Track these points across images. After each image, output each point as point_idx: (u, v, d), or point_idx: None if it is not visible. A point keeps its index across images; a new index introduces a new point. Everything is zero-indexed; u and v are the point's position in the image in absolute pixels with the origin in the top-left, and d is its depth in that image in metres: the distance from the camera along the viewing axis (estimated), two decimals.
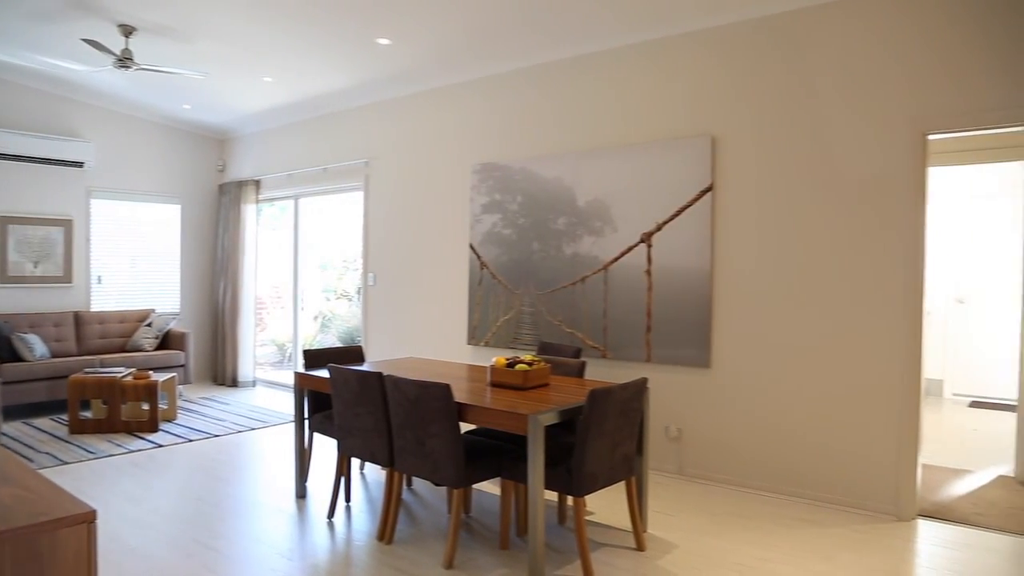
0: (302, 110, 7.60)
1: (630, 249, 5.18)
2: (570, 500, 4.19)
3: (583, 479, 3.34)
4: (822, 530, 4.07)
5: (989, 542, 3.94)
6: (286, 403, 7.50)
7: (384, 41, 5.47)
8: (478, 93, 6.19)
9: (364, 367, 4.56)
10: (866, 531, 4.07)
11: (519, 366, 3.90)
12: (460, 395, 3.66)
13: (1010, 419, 5.32)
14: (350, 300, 10.06)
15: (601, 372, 5.34)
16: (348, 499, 4.50)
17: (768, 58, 4.68)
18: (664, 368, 5.09)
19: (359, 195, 7.33)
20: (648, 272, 5.09)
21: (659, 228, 5.05)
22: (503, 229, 5.92)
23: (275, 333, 10.18)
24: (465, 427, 5.16)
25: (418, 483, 4.82)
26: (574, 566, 3.53)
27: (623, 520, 4.18)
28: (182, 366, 7.66)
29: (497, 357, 4.06)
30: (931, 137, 4.24)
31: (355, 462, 5.22)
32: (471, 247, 6.15)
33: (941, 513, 4.36)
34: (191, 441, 5.89)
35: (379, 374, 3.73)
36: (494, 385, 3.98)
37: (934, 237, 8.11)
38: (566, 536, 3.93)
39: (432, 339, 6.56)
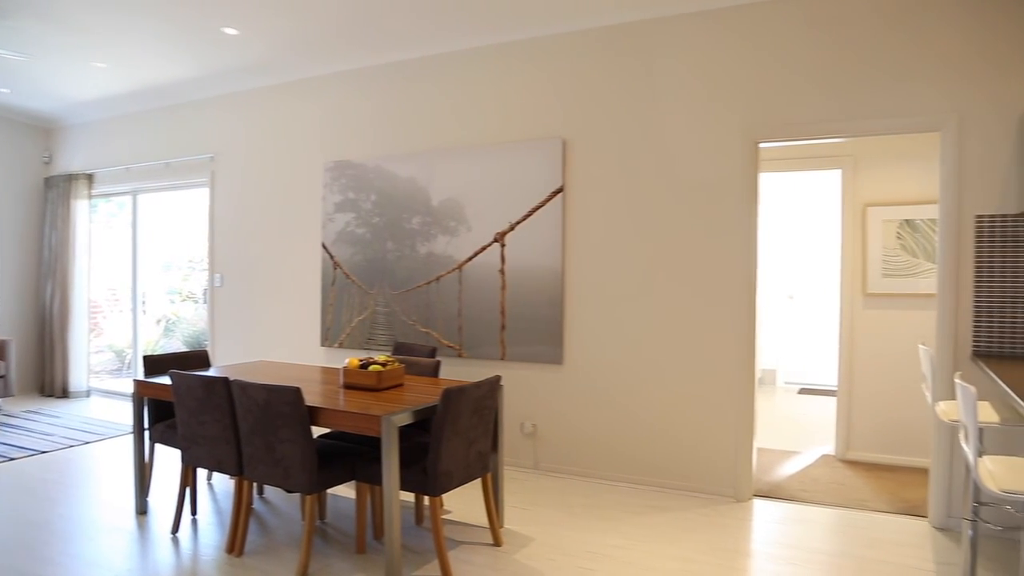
0: (141, 100, 7.13)
1: (484, 248, 5.25)
2: (427, 500, 4.20)
3: (439, 478, 3.36)
4: (669, 514, 4.30)
5: (814, 516, 4.30)
6: (125, 413, 7.02)
7: (231, 31, 5.23)
8: (332, 89, 6.06)
9: (210, 372, 4.36)
10: (708, 513, 4.33)
11: (373, 367, 3.87)
12: (312, 398, 3.58)
13: (833, 404, 5.82)
14: (196, 302, 9.57)
15: (457, 371, 5.38)
16: (194, 512, 4.29)
17: (616, 65, 4.88)
18: (519, 365, 5.20)
19: (205, 192, 6.98)
20: (502, 271, 5.18)
21: (512, 228, 5.15)
22: (357, 228, 5.83)
23: (113, 338, 9.52)
24: (318, 431, 5.06)
25: (270, 491, 4.66)
26: (432, 566, 3.54)
27: (480, 517, 4.23)
28: (2, 377, 7.01)
29: (350, 358, 4.00)
30: (762, 145, 4.57)
31: (201, 473, 4.98)
32: (324, 246, 6.02)
33: (774, 492, 4.72)
34: (12, 460, 5.38)
35: (225, 379, 3.58)
36: (347, 387, 3.92)
37: (768, 238, 8.74)
38: (423, 536, 3.94)
39: (284, 342, 6.36)
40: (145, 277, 8.07)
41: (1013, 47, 3.90)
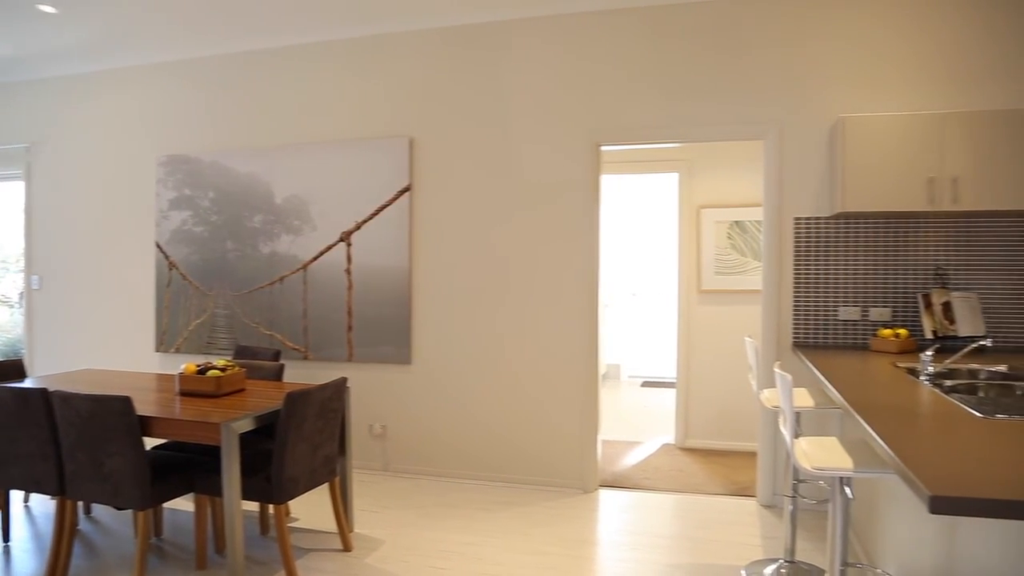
0: None
1: (330, 248, 5.12)
2: (272, 508, 4.04)
3: (284, 485, 3.24)
4: (519, 509, 4.37)
5: (656, 502, 4.52)
6: None
7: (48, 8, 4.79)
8: (166, 78, 5.70)
9: (25, 383, 3.99)
10: (556, 505, 4.45)
11: (211, 372, 3.68)
12: (144, 407, 3.35)
13: (673, 395, 6.14)
14: (12, 307, 8.72)
15: (303, 374, 5.22)
16: (7, 538, 3.90)
17: (464, 66, 4.90)
18: (367, 366, 5.12)
19: (19, 185, 6.37)
20: (348, 271, 5.08)
21: (359, 227, 5.06)
22: (194, 227, 5.52)
23: None
24: (153, 442, 4.75)
25: (99, 509, 4.33)
26: None
27: (329, 523, 4.13)
28: None
29: (187, 364, 3.79)
30: (603, 148, 4.74)
31: (16, 495, 4.55)
32: (158, 246, 5.65)
33: (618, 482, 4.91)
34: None
35: (43, 390, 3.29)
36: (184, 394, 3.71)
37: (612, 238, 9.09)
38: (269, 546, 3.79)
39: (114, 349, 5.92)
40: None
41: (826, 62, 4.27)
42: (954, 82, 4.11)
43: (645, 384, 9.01)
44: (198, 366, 3.76)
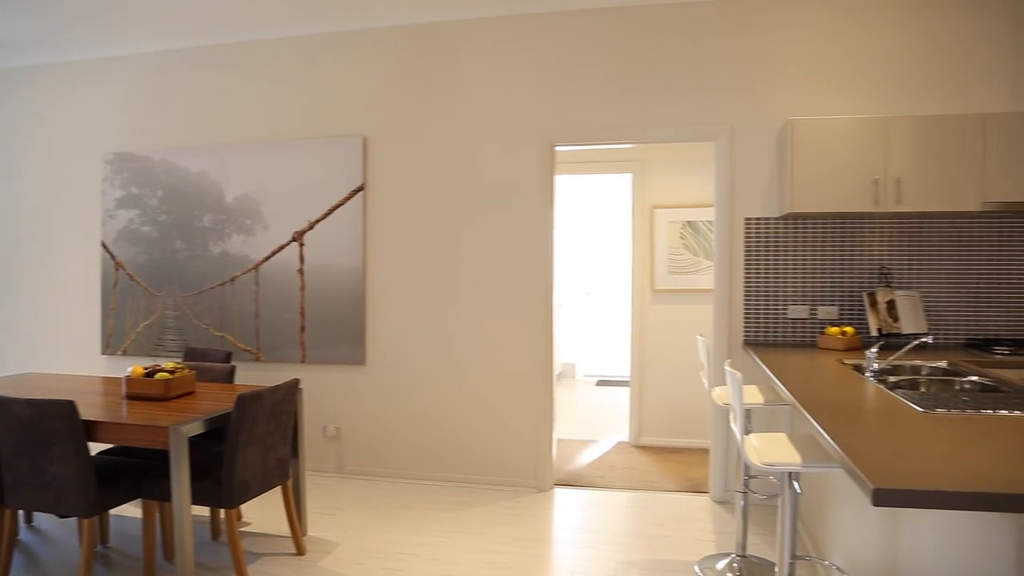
0: None
1: (282, 248, 5.05)
2: (223, 513, 3.97)
3: (235, 489, 3.19)
4: (475, 509, 4.37)
5: (610, 500, 4.55)
6: None
7: None
8: (112, 73, 5.55)
9: None
10: (512, 505, 4.45)
11: (159, 375, 3.60)
12: (89, 411, 3.27)
13: (627, 394, 6.20)
14: None
15: (254, 376, 5.14)
16: None
17: (419, 65, 4.88)
18: (320, 367, 5.06)
19: None
20: (301, 271, 5.02)
21: (312, 227, 5.00)
22: (142, 226, 5.39)
23: None
24: (98, 447, 4.64)
25: (41, 517, 4.20)
26: None
27: (282, 526, 4.07)
28: None
29: (134, 366, 3.70)
30: (557, 148, 4.77)
31: None
32: (104, 245, 5.50)
33: (573, 480, 4.94)
34: None
35: None
36: (131, 397, 3.62)
37: (566, 237, 9.14)
38: (220, 552, 3.73)
39: (58, 352, 5.75)
40: None
41: (776, 66, 4.35)
42: (898, 87, 4.23)
43: (600, 383, 9.08)
44: (146, 369, 3.68)
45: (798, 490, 2.43)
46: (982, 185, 3.77)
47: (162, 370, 3.67)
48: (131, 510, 4.32)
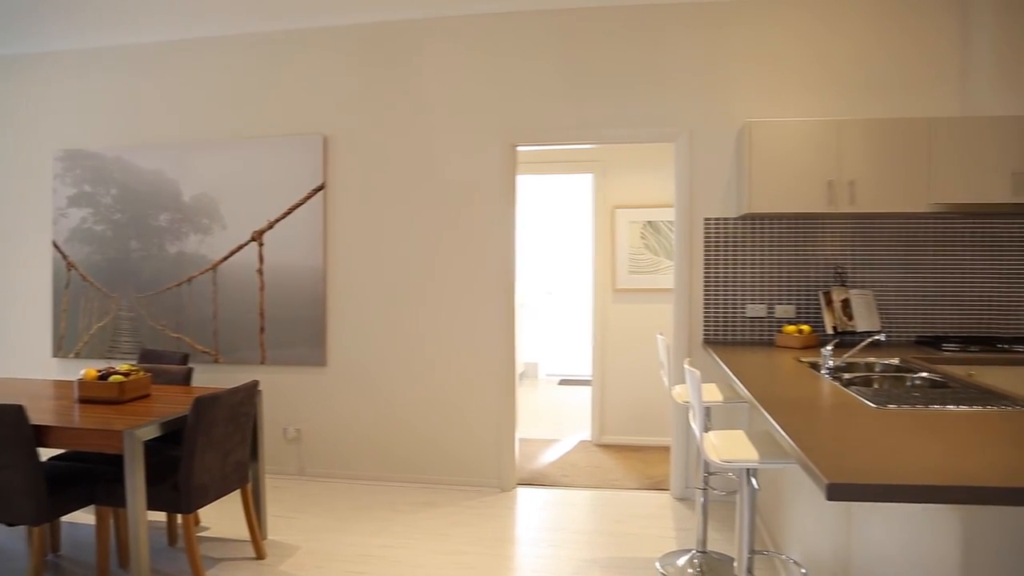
0: None
1: (241, 247, 4.98)
2: (180, 518, 3.90)
3: (192, 493, 3.14)
4: (438, 510, 4.36)
5: (573, 498, 4.58)
6: None
7: None
8: (61, 69, 5.41)
9: None
10: (475, 505, 4.45)
11: (113, 377, 3.52)
12: (39, 416, 3.18)
13: (589, 393, 6.23)
14: None
15: (213, 378, 5.06)
16: None
17: (380, 64, 4.85)
18: (280, 369, 5.00)
19: None
20: (260, 271, 4.95)
21: (271, 226, 4.94)
22: (95, 225, 5.28)
23: None
24: (50, 452, 4.53)
25: None
26: None
27: (241, 531, 4.02)
28: None
29: (87, 369, 3.62)
30: (519, 148, 4.78)
31: None
32: (55, 245, 5.36)
33: (536, 480, 4.95)
34: None
35: None
36: (83, 401, 3.54)
37: (528, 237, 9.15)
38: (178, 557, 3.66)
39: (6, 355, 5.59)
40: None
41: (735, 69, 4.42)
42: (852, 91, 4.32)
43: (563, 382, 9.12)
44: (99, 371, 3.60)
45: (756, 486, 2.47)
46: (930, 186, 3.87)
47: (116, 373, 3.59)
48: (85, 517, 4.22)
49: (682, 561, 3.57)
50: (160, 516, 4.10)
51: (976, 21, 4.12)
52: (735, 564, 2.52)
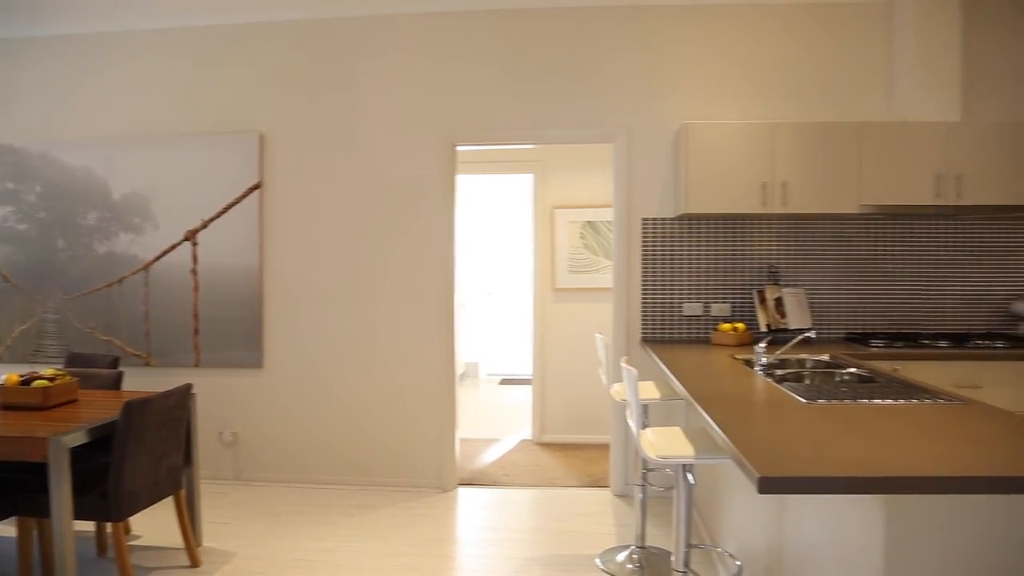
0: None
1: (174, 247, 4.85)
2: (110, 527, 3.78)
3: (122, 501, 3.05)
4: (378, 512, 4.32)
5: (514, 497, 4.59)
6: None
7: None
8: None
9: None
10: (415, 506, 4.43)
11: (37, 383, 3.39)
12: None
13: (530, 392, 6.26)
14: None
15: (144, 381, 4.91)
16: None
17: (319, 61, 4.78)
18: (215, 371, 4.89)
19: None
20: (194, 271, 4.83)
21: (205, 225, 4.82)
22: (18, 224, 5.07)
23: None
24: None
25: None
26: None
27: (175, 538, 3.91)
28: None
29: (8, 374, 3.47)
30: (459, 148, 4.76)
31: None
32: None
33: (477, 479, 4.95)
34: None
35: None
36: (5, 408, 3.39)
37: (468, 237, 9.14)
38: (108, 568, 3.55)
39: None
40: None
41: (672, 72, 4.49)
42: (785, 95, 4.44)
43: (503, 381, 9.13)
44: (22, 376, 3.46)
45: (692, 481, 2.52)
46: (859, 188, 4.00)
47: (40, 377, 3.46)
48: (5, 529, 4.05)
49: (622, 557, 3.61)
50: (89, 525, 3.96)
51: (900, 31, 4.28)
52: (672, 558, 2.57)
